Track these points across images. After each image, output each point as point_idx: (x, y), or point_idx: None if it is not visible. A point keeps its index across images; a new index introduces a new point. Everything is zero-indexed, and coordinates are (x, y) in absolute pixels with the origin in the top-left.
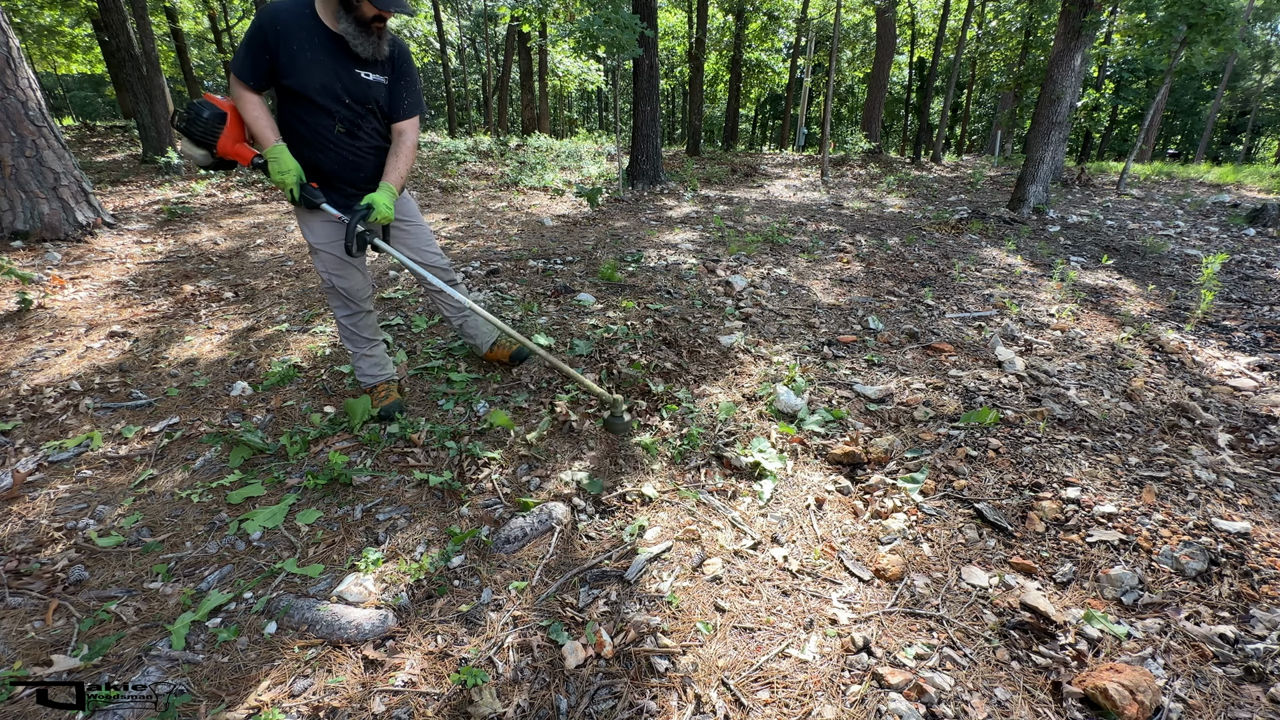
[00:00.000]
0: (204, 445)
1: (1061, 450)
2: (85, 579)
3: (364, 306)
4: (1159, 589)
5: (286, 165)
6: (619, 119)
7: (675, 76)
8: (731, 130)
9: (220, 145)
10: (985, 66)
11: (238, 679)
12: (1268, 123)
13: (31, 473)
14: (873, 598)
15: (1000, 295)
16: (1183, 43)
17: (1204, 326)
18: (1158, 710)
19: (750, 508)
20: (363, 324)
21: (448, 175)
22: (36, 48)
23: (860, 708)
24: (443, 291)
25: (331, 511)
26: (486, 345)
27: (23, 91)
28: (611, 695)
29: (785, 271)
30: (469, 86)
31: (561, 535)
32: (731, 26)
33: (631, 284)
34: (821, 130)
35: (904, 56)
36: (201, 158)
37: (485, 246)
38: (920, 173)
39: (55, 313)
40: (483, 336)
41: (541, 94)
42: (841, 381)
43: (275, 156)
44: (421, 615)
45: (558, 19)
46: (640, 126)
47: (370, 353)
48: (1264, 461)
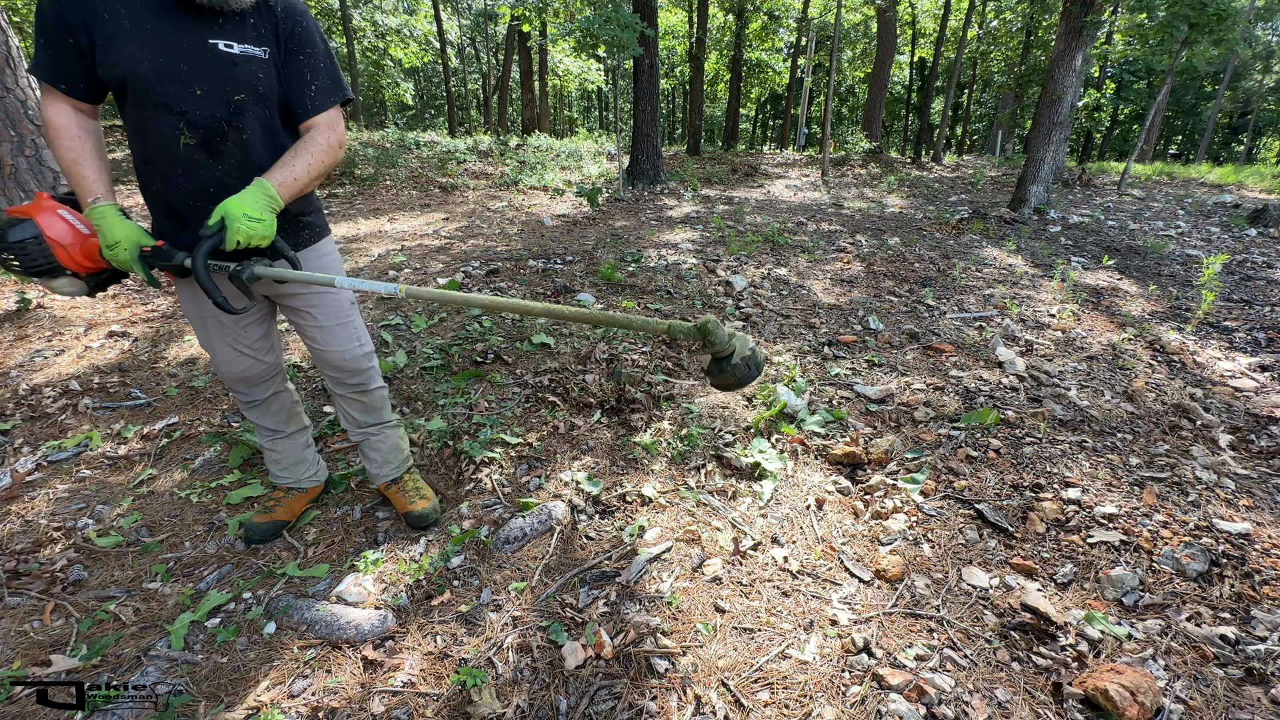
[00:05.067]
0: (203, 445)
1: (1062, 451)
2: (84, 579)
3: (260, 395)
4: (1160, 590)
5: (114, 234)
6: (619, 118)
7: (675, 76)
8: (732, 130)
9: (64, 260)
10: (986, 66)
11: (237, 679)
12: (1269, 123)
13: (30, 472)
14: (873, 598)
15: (1001, 295)
16: (1184, 43)
17: (1205, 327)
18: (1158, 711)
19: (750, 508)
20: (264, 412)
21: (447, 175)
22: None
23: (860, 709)
24: (345, 398)
25: (330, 511)
26: (385, 478)
27: (22, 90)
28: (611, 696)
29: (785, 271)
30: (469, 86)
31: (561, 535)
32: (732, 26)
33: (631, 284)
34: (822, 130)
35: (905, 56)
36: (69, 286)
37: (485, 246)
38: (921, 173)
39: (54, 312)
40: (384, 465)
41: (541, 93)
42: (842, 382)
43: (96, 224)
44: (421, 615)
45: (558, 18)
46: (640, 126)
47: (273, 447)
48: (1265, 462)
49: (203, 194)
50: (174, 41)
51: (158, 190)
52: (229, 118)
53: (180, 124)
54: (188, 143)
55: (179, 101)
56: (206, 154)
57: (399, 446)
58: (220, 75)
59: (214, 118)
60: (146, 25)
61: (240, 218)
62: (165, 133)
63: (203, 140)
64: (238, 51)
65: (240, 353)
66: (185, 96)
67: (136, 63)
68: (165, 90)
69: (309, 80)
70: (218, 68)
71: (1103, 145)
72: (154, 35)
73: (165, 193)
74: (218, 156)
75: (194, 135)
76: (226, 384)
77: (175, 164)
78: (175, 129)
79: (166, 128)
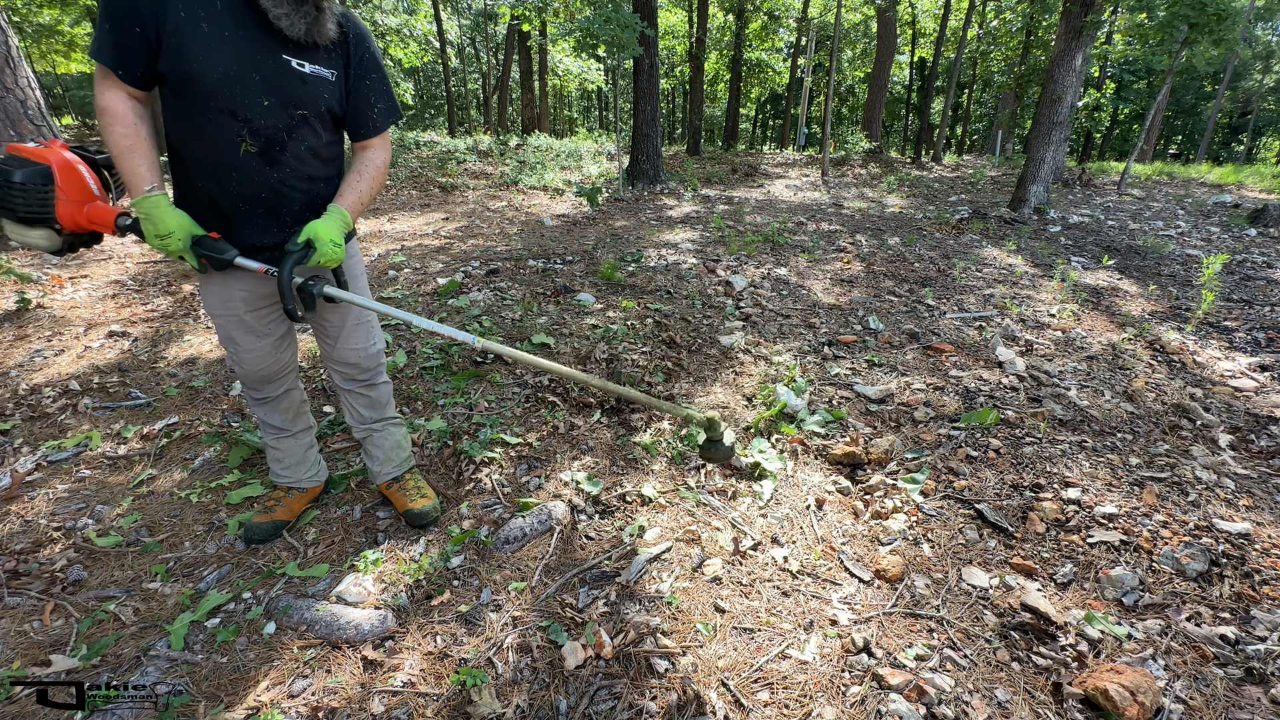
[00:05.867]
0: (203, 445)
1: (1062, 451)
2: (84, 579)
3: (274, 392)
4: (1160, 590)
5: (166, 224)
6: (619, 118)
7: (675, 76)
8: (732, 130)
9: (62, 214)
10: (986, 66)
11: (237, 679)
12: (1269, 123)
13: (30, 472)
14: (873, 598)
15: (1001, 295)
16: (1184, 43)
17: (1205, 327)
18: (1158, 711)
19: (750, 508)
20: (274, 409)
21: (447, 175)
22: (36, 46)
23: (860, 709)
24: (351, 393)
25: (330, 511)
26: (385, 477)
27: (22, 90)
28: (611, 696)
29: (785, 271)
30: (469, 86)
31: (561, 535)
32: (732, 26)
33: (631, 284)
34: (822, 130)
35: (905, 56)
36: (40, 242)
37: (485, 246)
38: (921, 172)
39: (54, 312)
40: (386, 462)
41: (541, 93)
42: (842, 381)
43: (148, 213)
44: (421, 615)
45: (558, 18)
46: (640, 126)
47: (277, 445)
48: (1265, 462)
49: (254, 198)
50: (250, 52)
51: (204, 188)
52: (289, 129)
53: (244, 130)
54: (249, 149)
55: (245, 109)
56: (264, 161)
57: (401, 444)
58: (289, 90)
59: (276, 128)
60: (225, 31)
61: (327, 243)
62: (227, 137)
63: (263, 148)
64: (308, 71)
65: (263, 350)
66: (252, 105)
67: (210, 66)
68: (234, 97)
69: (372, 103)
70: (288, 83)
71: (1103, 145)
72: (231, 42)
73: (212, 191)
74: (274, 165)
75: (255, 143)
76: (246, 382)
77: (232, 167)
78: (238, 135)
79: (229, 132)
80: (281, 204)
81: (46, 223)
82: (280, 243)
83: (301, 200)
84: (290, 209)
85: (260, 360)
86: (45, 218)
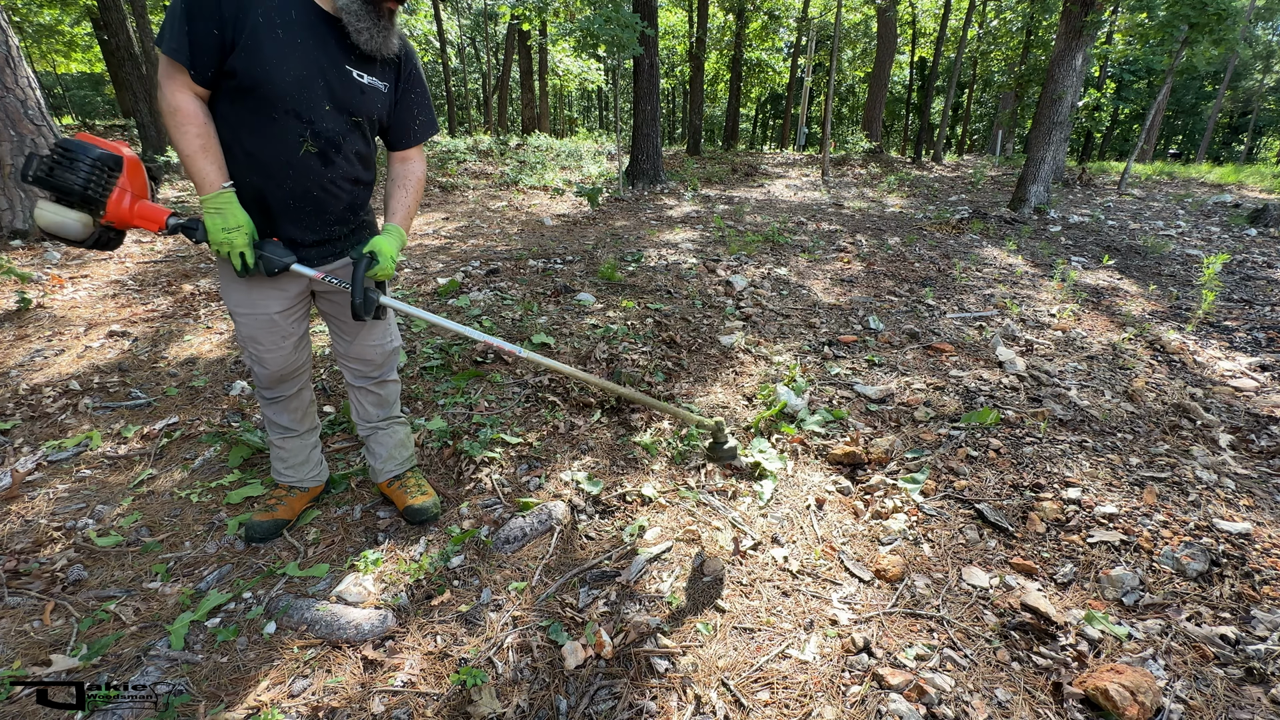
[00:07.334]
0: (203, 445)
1: (1062, 451)
2: (84, 579)
3: (287, 391)
4: (1160, 590)
5: (237, 218)
6: (619, 118)
7: (675, 76)
8: (732, 130)
9: (114, 206)
10: (986, 66)
11: (237, 679)
12: (1269, 123)
13: (30, 472)
14: (873, 598)
15: (1001, 295)
16: (1184, 42)
17: (1205, 327)
18: (1158, 711)
19: (750, 508)
20: (284, 409)
21: (448, 174)
22: (36, 46)
23: (860, 708)
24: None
25: (331, 511)
26: (387, 475)
27: (22, 90)
28: (611, 696)
29: (786, 271)
30: (469, 85)
31: (561, 535)
32: (732, 26)
33: (631, 283)
34: (822, 130)
35: (905, 56)
36: (74, 226)
37: (485, 246)
38: (921, 172)
39: (54, 312)
40: (388, 460)
41: (541, 93)
42: (842, 381)
43: (219, 207)
44: (421, 615)
45: (558, 18)
46: (640, 126)
47: (283, 445)
48: (1265, 462)
49: (305, 195)
50: (318, 60)
51: (251, 183)
52: (345, 133)
53: (306, 132)
54: (309, 150)
55: (310, 112)
56: (321, 161)
57: (404, 443)
58: (349, 98)
59: (334, 132)
60: (298, 39)
61: (389, 258)
62: (290, 138)
63: (321, 149)
64: (366, 81)
65: (285, 350)
66: (316, 109)
67: (282, 70)
68: (301, 100)
69: (416, 115)
70: (349, 91)
71: (1103, 145)
72: (303, 50)
73: (262, 187)
74: (329, 165)
75: (316, 144)
76: (262, 381)
77: (290, 165)
78: (300, 136)
79: (292, 134)
80: (329, 203)
81: (92, 209)
82: (320, 240)
83: (346, 200)
84: (335, 208)
85: (282, 360)
86: (99, 201)
